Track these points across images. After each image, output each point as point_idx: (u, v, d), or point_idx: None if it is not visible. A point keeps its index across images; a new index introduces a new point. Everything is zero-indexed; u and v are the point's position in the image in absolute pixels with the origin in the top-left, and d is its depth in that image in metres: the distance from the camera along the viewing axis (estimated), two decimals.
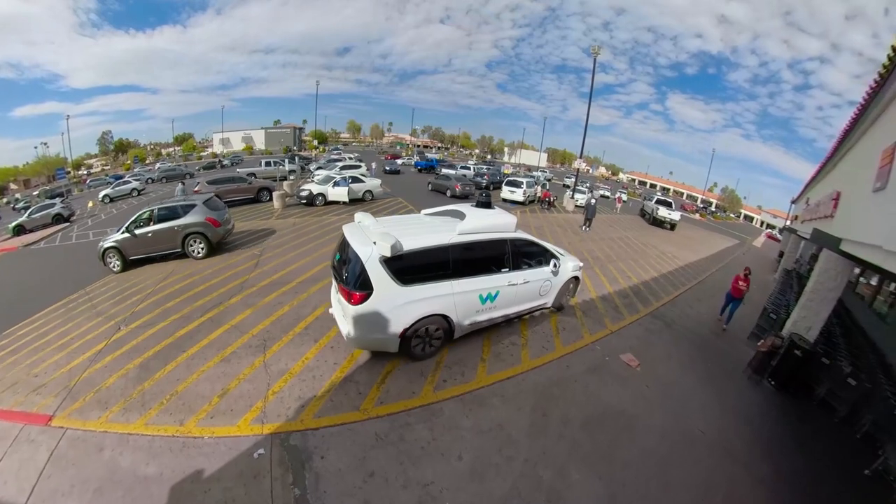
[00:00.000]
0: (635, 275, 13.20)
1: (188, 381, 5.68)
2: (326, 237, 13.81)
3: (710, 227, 43.68)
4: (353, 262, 5.56)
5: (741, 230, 51.52)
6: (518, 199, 26.16)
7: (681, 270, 15.34)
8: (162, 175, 45.26)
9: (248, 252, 11.80)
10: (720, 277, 15.76)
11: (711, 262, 18.81)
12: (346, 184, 21.45)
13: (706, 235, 32.18)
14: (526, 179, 27.79)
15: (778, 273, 18.73)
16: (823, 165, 10.51)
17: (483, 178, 32.37)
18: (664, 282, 13.07)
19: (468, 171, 36.95)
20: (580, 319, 8.75)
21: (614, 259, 14.98)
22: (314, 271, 9.93)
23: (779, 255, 26.03)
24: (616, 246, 17.67)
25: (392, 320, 5.66)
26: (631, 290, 11.35)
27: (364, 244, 5.63)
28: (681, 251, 19.80)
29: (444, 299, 5.99)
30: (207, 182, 21.45)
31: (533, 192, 27.62)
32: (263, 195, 22.35)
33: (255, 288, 8.77)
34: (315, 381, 5.56)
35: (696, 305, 11.31)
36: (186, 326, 7.20)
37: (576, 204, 29.26)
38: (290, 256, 11.17)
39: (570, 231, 19.43)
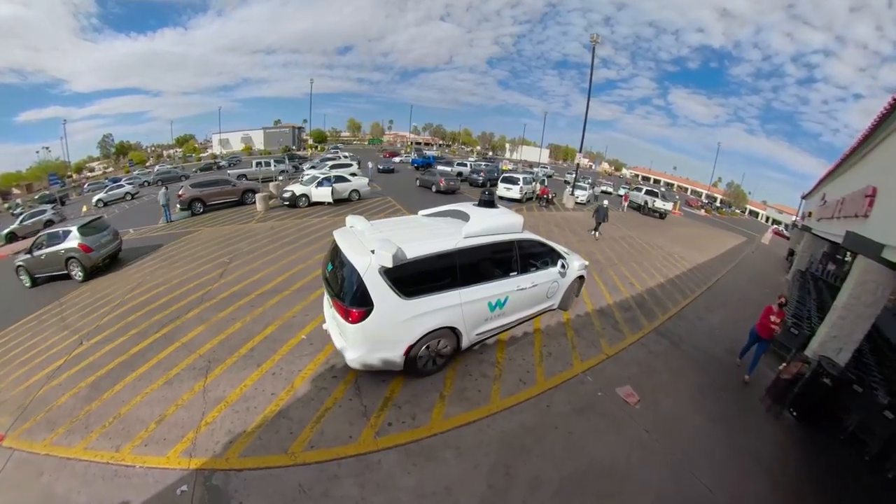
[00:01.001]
0: (639, 281, 11.93)
1: (132, 403, 5.51)
2: (300, 241, 13.45)
3: (717, 224, 42.43)
4: (349, 275, 5.06)
5: (748, 226, 50.16)
6: (514, 197, 25.13)
7: (689, 274, 14.04)
8: (157, 178, 44.67)
9: (218, 260, 11.58)
10: (731, 281, 14.48)
11: (721, 263, 17.50)
12: (329, 183, 20.61)
13: (713, 233, 30.92)
14: (523, 176, 26.61)
15: (791, 274, 17.36)
16: (848, 156, 9.11)
17: (479, 175, 31.33)
18: (671, 288, 11.77)
19: (465, 167, 35.97)
20: (571, 341, 7.51)
21: (616, 262, 13.70)
22: (277, 281, 9.49)
23: (788, 254, 24.66)
24: (618, 247, 16.42)
25: (396, 338, 5.27)
26: (634, 301, 10.07)
27: (360, 253, 5.11)
28: (688, 251, 18.55)
29: (451, 311, 5.55)
30: (190, 185, 21.10)
31: (531, 189, 26.59)
32: (248, 197, 21.93)
33: (215, 301, 8.46)
34: (249, 413, 5.12)
35: (706, 317, 10.01)
36: (141, 343, 7.04)
37: (576, 201, 28.14)
38: (259, 264, 10.81)
39: (569, 230, 18.20)
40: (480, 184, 30.80)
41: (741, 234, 34.95)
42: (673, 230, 25.73)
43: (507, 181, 25.79)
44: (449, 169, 35.23)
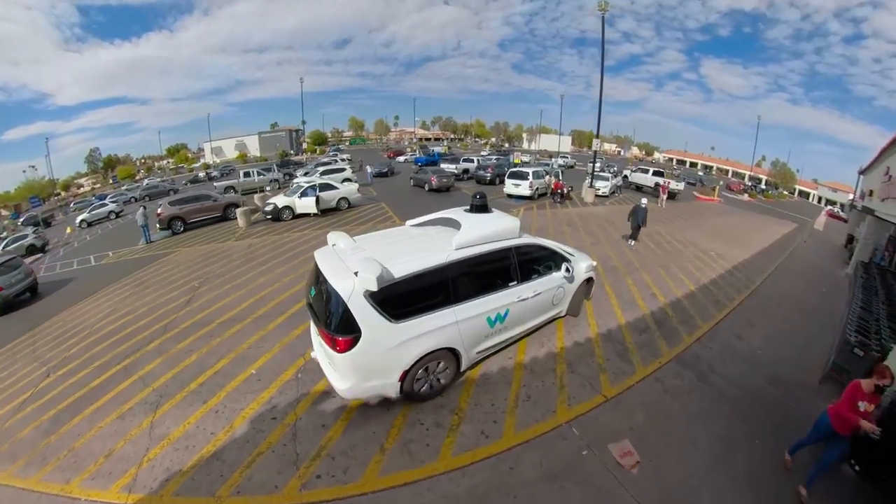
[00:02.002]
0: (663, 290, 10.87)
1: (86, 436, 5.89)
2: (274, 261, 13.47)
3: (762, 210, 40.75)
4: (333, 300, 5.08)
5: (798, 210, 48.05)
6: (524, 194, 24.47)
7: (727, 277, 12.87)
8: (144, 193, 45.35)
9: (189, 285, 12.01)
10: (779, 282, 13.22)
11: (766, 260, 16.20)
12: (314, 193, 20.41)
13: (757, 221, 29.40)
14: (533, 170, 25.76)
15: (851, 267, 15.91)
16: None
17: (487, 172, 30.75)
18: (703, 298, 10.68)
19: (471, 164, 35.52)
20: (560, 379, 6.60)
21: (636, 267, 12.66)
22: (240, 308, 9.67)
23: (847, 241, 23.04)
24: (641, 247, 15.39)
25: (388, 365, 5.31)
26: (653, 319, 9.03)
27: (343, 277, 5.09)
28: (727, 247, 17.31)
29: (447, 330, 5.59)
30: (169, 203, 21.52)
31: (542, 184, 25.71)
32: (231, 212, 22.14)
33: (176, 330, 8.83)
34: (188, 451, 5.34)
35: (746, 334, 8.88)
36: (102, 375, 7.50)
37: (596, 193, 27.07)
38: (226, 289, 11.12)
39: (583, 230, 17.26)
40: (488, 181, 30.20)
41: (790, 221, 33.33)
42: (710, 222, 24.53)
43: (515, 176, 25.03)
44: (452, 167, 35.06)
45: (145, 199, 43.11)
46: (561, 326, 8.17)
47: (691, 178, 59.45)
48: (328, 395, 6.02)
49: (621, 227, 18.18)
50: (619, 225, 18.81)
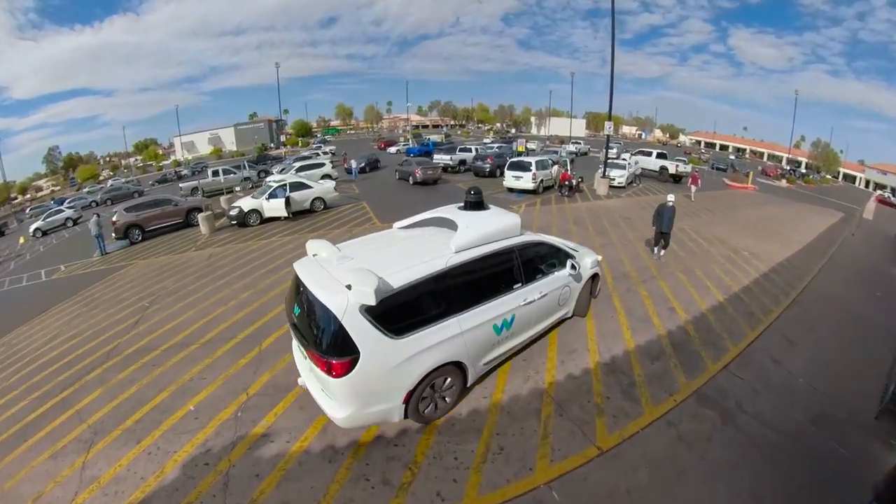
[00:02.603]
0: (684, 302, 10.13)
1: (17, 477, 5.87)
2: (232, 275, 13.34)
3: (802, 197, 40.08)
4: (323, 318, 5.02)
5: (843, 196, 47.54)
6: (526, 187, 24.05)
7: (762, 282, 12.13)
8: (106, 196, 45.31)
9: (140, 303, 12.00)
10: (825, 286, 12.51)
11: (810, 258, 15.49)
12: (283, 193, 20.06)
13: (797, 212, 28.79)
14: (536, 159, 25.30)
15: None
16: None
17: (486, 163, 30.44)
18: (733, 311, 9.95)
19: (468, 153, 35.29)
20: (544, 425, 5.95)
21: (653, 274, 11.99)
22: (188, 331, 9.60)
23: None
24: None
25: (391, 386, 5.28)
26: (670, 341, 8.31)
27: (332, 291, 5.01)
28: (763, 243, 16.63)
29: (452, 343, 5.60)
30: (125, 210, 21.56)
31: (547, 175, 25.34)
32: (194, 218, 22.13)
33: (119, 358, 8.79)
34: (116, 497, 5.27)
35: (785, 356, 8.14)
36: (40, 408, 7.46)
37: (611, 184, 26.61)
38: (178, 308, 11.13)
39: (593, 229, 16.62)
40: (488, 173, 29.84)
41: (835, 209, 32.72)
42: (742, 214, 23.89)
43: (516, 168, 24.51)
44: (447, 157, 34.91)
45: (107, 202, 43.10)
46: (553, 354, 7.57)
47: (721, 163, 58.70)
48: (267, 438, 5.86)
49: (638, 224, 17.54)
50: (636, 221, 18.19)
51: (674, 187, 30.15)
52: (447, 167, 34.66)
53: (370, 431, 5.83)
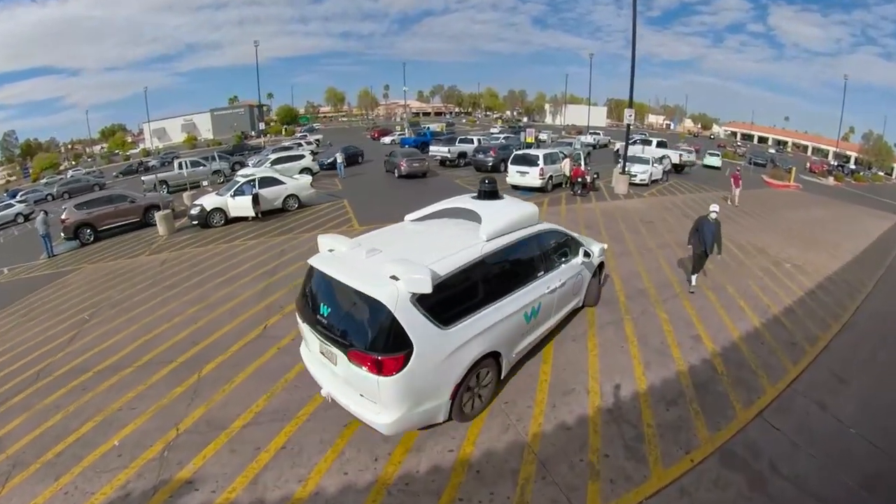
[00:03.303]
0: (712, 328, 9.49)
1: None
2: (184, 284, 13.23)
3: (852, 197, 39.98)
4: (370, 313, 5.30)
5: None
6: (533, 184, 23.71)
7: (807, 302, 11.54)
8: (63, 189, 45.47)
9: (79, 316, 11.93)
10: (882, 305, 11.91)
11: (862, 271, 14.88)
12: (250, 190, 19.87)
13: (847, 214, 28.39)
14: (545, 152, 25.03)
15: None
16: None
17: (488, 156, 30.15)
18: (772, 338, 9.31)
19: (469, 145, 35.28)
20: (520, 492, 5.32)
21: (676, 292, 11.40)
22: (125, 352, 9.43)
23: None
24: (687, 259, 13.90)
25: (442, 381, 5.62)
26: (692, 379, 7.66)
27: (377, 283, 5.29)
28: (807, 253, 16.09)
29: (492, 331, 6.09)
30: (75, 207, 21.51)
31: (557, 171, 24.98)
32: (152, 216, 22.11)
33: (49, 379, 8.68)
34: None
35: (833, 399, 7.47)
36: None
37: (631, 181, 26.24)
38: (119, 323, 11.05)
39: (608, 234, 16.00)
40: (491, 167, 29.47)
41: (891, 212, 32.27)
42: (784, 217, 23.47)
43: (521, 162, 24.10)
44: (444, 149, 34.95)
45: (64, 196, 43.01)
46: (543, 395, 6.98)
47: (760, 158, 58.41)
48: (191, 485, 5.64)
49: (661, 229, 17.09)
50: (659, 226, 17.73)
51: (694, 189, 29.53)
52: (445, 160, 34.62)
53: (307, 486, 5.48)
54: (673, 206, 22.65)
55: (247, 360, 8.28)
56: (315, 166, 30.97)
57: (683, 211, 21.56)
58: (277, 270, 13.22)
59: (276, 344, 8.80)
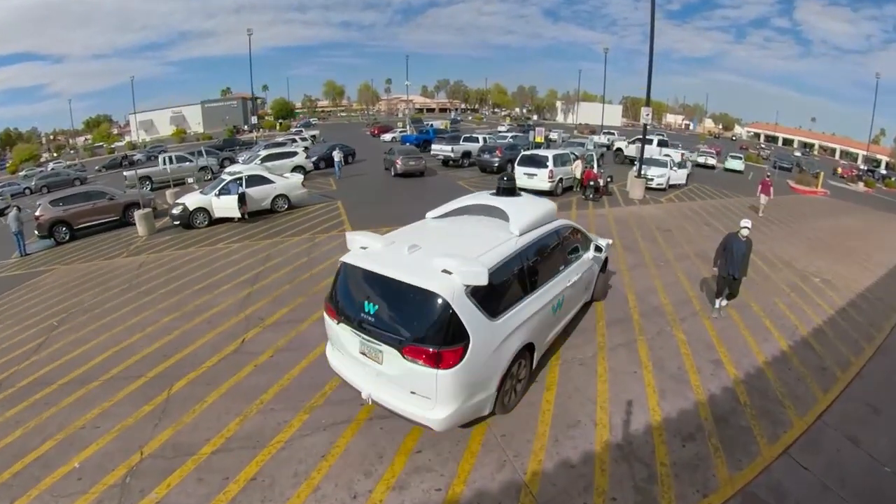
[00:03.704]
0: (734, 351, 9.19)
1: None
2: (161, 290, 13.13)
3: (884, 205, 39.60)
4: (426, 306, 5.59)
5: None
6: (541, 188, 23.37)
7: (838, 321, 11.25)
8: (42, 183, 45.43)
9: (49, 321, 11.89)
10: None
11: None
12: (236, 189, 19.73)
13: (880, 223, 28.19)
14: (555, 153, 24.87)
15: None
16: None
17: (494, 157, 30.16)
18: (800, 363, 9.03)
19: (474, 144, 35.22)
20: None
21: (696, 309, 11.11)
22: (94, 362, 9.32)
23: None
24: (702, 269, 13.83)
25: (491, 372, 6.05)
26: (711, 410, 7.36)
27: (430, 276, 5.62)
28: (837, 266, 15.87)
29: (530, 322, 6.68)
30: (50, 203, 21.51)
31: (567, 174, 24.81)
32: (132, 214, 22.13)
33: (12, 390, 8.62)
34: None
35: (867, 433, 7.17)
36: None
37: (647, 185, 26.10)
38: (89, 331, 10.94)
39: (621, 244, 15.70)
40: (497, 168, 29.43)
41: None
42: (812, 226, 23.22)
43: (528, 163, 23.95)
44: (448, 148, 34.88)
45: (43, 190, 42.91)
46: (545, 428, 6.67)
47: (785, 162, 58.06)
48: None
49: (679, 238, 16.89)
50: (678, 235, 17.55)
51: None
52: (448, 160, 34.46)
53: None
54: (692, 214, 22.45)
55: (221, 378, 8.08)
56: (308, 164, 30.88)
57: (704, 219, 21.36)
58: (260, 278, 13.04)
59: (254, 360, 8.58)
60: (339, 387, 7.40)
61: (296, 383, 7.78)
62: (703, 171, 44.02)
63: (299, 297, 11.48)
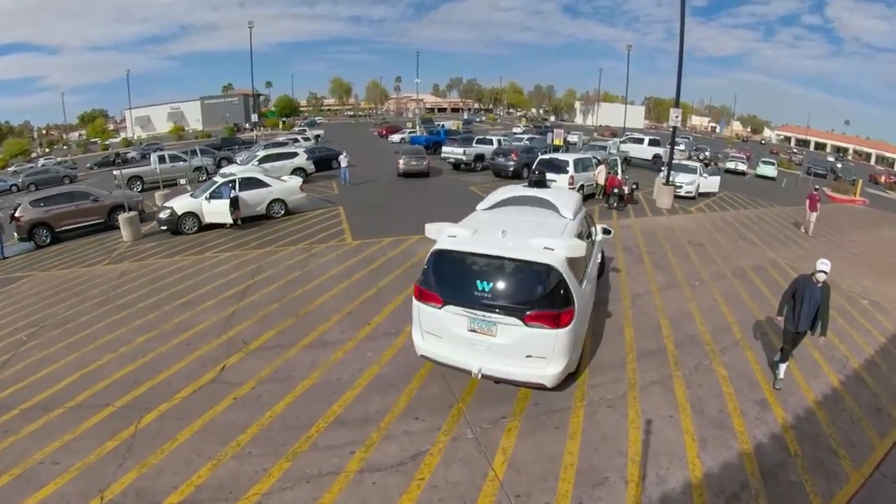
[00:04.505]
0: (781, 391, 8.52)
1: None
2: (142, 303, 12.84)
3: None
4: (541, 278, 6.89)
5: None
6: None
7: (890, 349, 10.75)
8: (29, 180, 45.74)
9: (17, 335, 11.72)
10: None
11: None
12: (228, 192, 19.44)
13: None
14: (575, 157, 24.59)
15: None
16: None
17: (509, 160, 29.99)
18: (853, 402, 8.44)
19: (488, 146, 35.07)
20: None
21: (735, 338, 10.49)
22: (59, 387, 9.03)
23: None
24: (747, 291, 13.30)
25: (584, 329, 8.08)
26: (757, 461, 6.72)
27: (537, 252, 6.93)
28: (884, 284, 15.42)
29: (590, 292, 8.72)
30: (31, 204, 21.38)
31: (589, 180, 24.52)
32: (118, 217, 21.96)
33: None
34: None
35: None
36: None
37: (676, 193, 25.56)
38: (59, 349, 10.70)
39: (650, 260, 15.21)
40: (512, 173, 29.38)
41: None
42: (852, 239, 22.75)
43: (547, 168, 23.01)
44: (459, 150, 34.89)
45: (30, 188, 43.30)
46: (567, 486, 6.03)
47: (820, 168, 57.09)
48: None
49: (713, 253, 16.43)
50: (711, 249, 17.09)
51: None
52: (459, 163, 34.32)
53: None
54: (725, 225, 21.96)
55: (195, 412, 7.58)
56: (310, 166, 30.53)
57: (738, 231, 20.85)
58: (248, 294, 12.61)
59: (233, 392, 8.04)
60: (326, 430, 6.95)
61: (279, 422, 7.23)
62: (734, 177, 43.61)
63: (289, 317, 11.01)
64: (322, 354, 9.24)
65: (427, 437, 6.77)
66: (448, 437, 6.76)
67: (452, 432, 6.89)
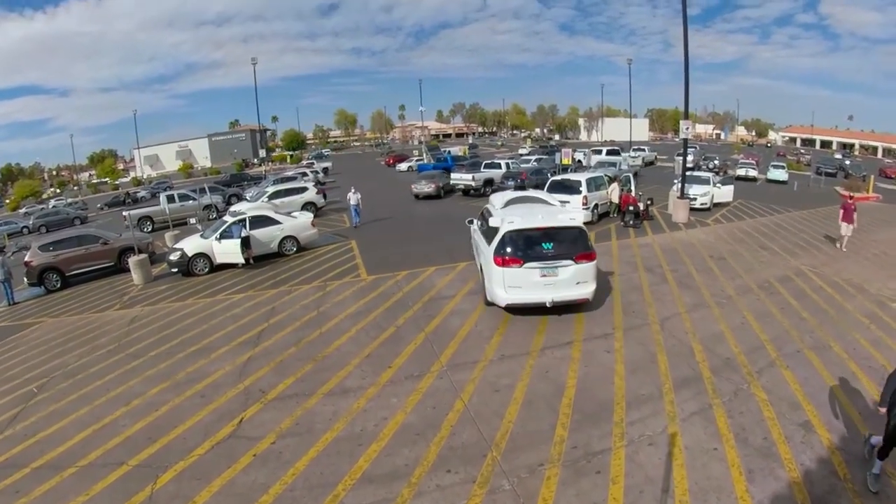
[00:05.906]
0: (823, 409, 8.07)
1: None
2: (155, 351, 12.58)
3: None
4: (577, 235, 11.52)
5: None
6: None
7: None
8: (40, 222, 45.82)
9: (27, 387, 11.50)
10: None
11: None
12: (239, 231, 19.35)
13: None
14: (588, 176, 24.59)
15: None
16: None
17: (521, 182, 30.37)
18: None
19: (497, 170, 35.50)
20: None
21: (770, 358, 10.00)
22: (71, 443, 8.73)
23: None
24: (772, 300, 13.02)
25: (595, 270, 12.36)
26: (807, 491, 6.28)
27: (570, 220, 12.13)
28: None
29: None
30: (40, 248, 21.32)
31: (603, 199, 24.48)
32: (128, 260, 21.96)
33: None
34: None
35: None
36: None
37: (691, 206, 25.23)
38: (69, 402, 10.44)
39: (674, 279, 14.86)
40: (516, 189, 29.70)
41: None
42: (874, 238, 22.05)
43: (558, 189, 23.44)
44: (468, 176, 35.13)
45: (41, 229, 43.45)
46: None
47: (829, 166, 56.46)
48: None
49: (737, 268, 16.04)
50: (733, 263, 16.72)
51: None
52: (468, 189, 34.25)
53: None
54: (745, 236, 21.58)
55: (213, 471, 7.17)
56: (320, 200, 30.49)
57: (759, 241, 20.44)
58: (263, 338, 12.28)
59: (252, 448, 7.61)
60: (353, 488, 6.51)
61: (302, 481, 6.77)
62: (745, 184, 43.11)
63: (307, 363, 10.64)
64: (343, 403, 8.84)
65: (462, 492, 6.28)
66: (484, 490, 6.25)
67: (488, 484, 6.38)
